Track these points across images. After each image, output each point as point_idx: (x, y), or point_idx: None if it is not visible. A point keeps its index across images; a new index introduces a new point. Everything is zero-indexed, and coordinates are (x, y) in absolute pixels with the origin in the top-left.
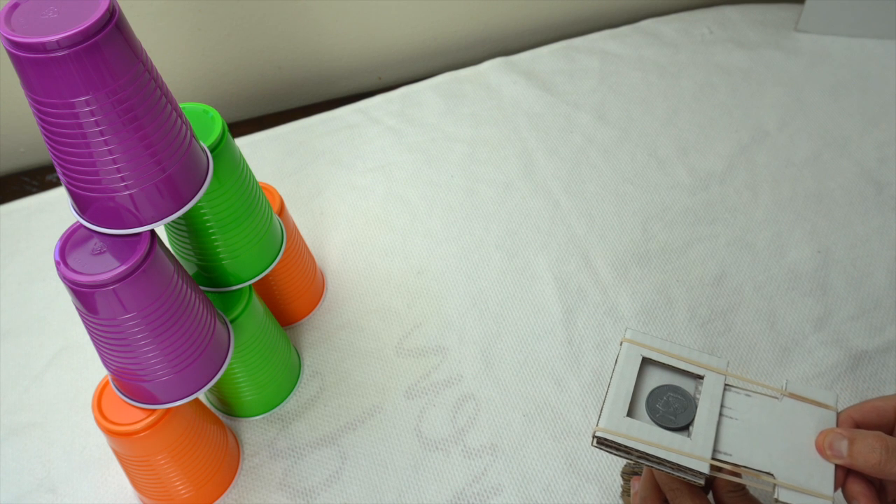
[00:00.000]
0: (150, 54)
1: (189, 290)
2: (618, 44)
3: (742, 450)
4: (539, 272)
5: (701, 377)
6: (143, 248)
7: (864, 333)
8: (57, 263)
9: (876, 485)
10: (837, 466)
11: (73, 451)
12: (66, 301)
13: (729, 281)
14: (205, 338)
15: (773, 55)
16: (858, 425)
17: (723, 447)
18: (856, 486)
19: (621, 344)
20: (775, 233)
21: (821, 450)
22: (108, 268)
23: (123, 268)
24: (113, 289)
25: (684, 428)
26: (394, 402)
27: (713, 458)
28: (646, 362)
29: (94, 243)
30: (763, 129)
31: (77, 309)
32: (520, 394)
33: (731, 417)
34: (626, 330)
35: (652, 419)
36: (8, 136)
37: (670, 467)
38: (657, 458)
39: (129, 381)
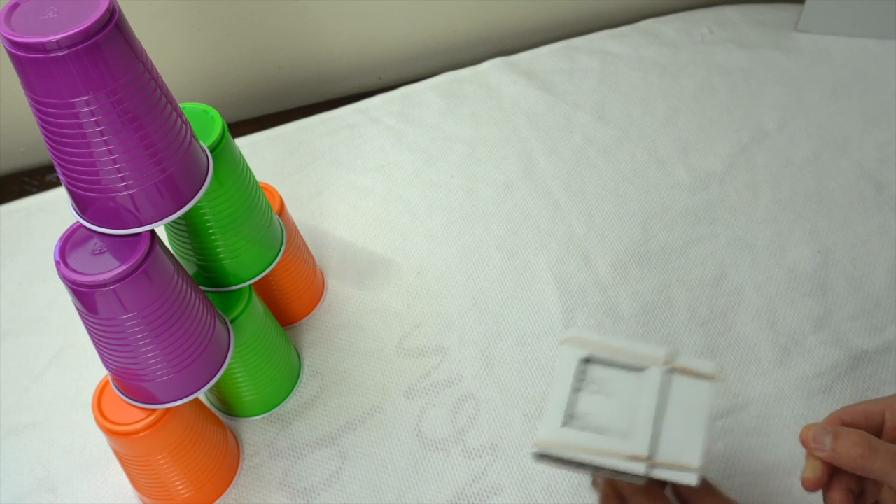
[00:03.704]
0: (149, 54)
1: (189, 290)
2: (618, 44)
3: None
4: (539, 272)
5: (642, 369)
6: (143, 247)
7: (864, 333)
8: (57, 263)
9: (856, 492)
10: (823, 465)
11: (73, 451)
12: (66, 301)
13: (729, 281)
14: (205, 338)
15: (773, 55)
16: (846, 426)
17: (662, 443)
18: (836, 495)
19: (561, 345)
20: (775, 233)
21: (805, 443)
22: (108, 268)
23: (123, 268)
24: (113, 289)
25: (622, 428)
26: (394, 402)
27: (649, 458)
28: (587, 362)
29: (94, 243)
30: (763, 129)
31: (77, 309)
32: (520, 394)
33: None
34: (566, 330)
35: (586, 425)
36: (8, 136)
37: (610, 473)
38: (594, 465)
39: (129, 380)
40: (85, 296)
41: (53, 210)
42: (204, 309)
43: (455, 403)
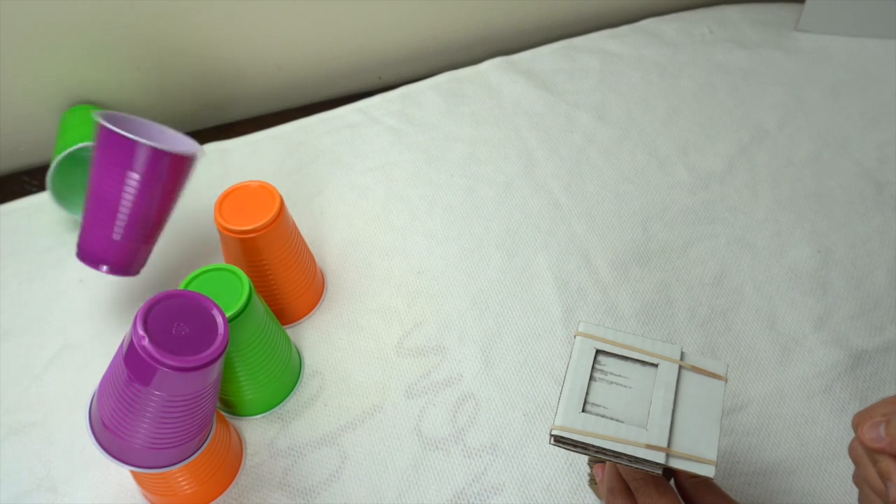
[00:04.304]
0: (149, 54)
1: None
2: (618, 43)
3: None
4: (539, 272)
5: (655, 365)
6: (223, 339)
7: (864, 333)
8: (140, 338)
9: None
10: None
11: (73, 451)
12: (66, 301)
13: (729, 281)
14: (206, 424)
15: (773, 55)
16: None
17: (677, 435)
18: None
19: (575, 338)
20: (775, 232)
21: (861, 439)
22: (194, 352)
23: (209, 355)
24: (194, 373)
25: (639, 419)
26: (394, 402)
27: (669, 448)
28: (601, 354)
29: (176, 325)
30: (763, 129)
31: (122, 377)
32: (520, 393)
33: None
34: (579, 323)
35: (604, 413)
36: (8, 136)
37: (628, 460)
38: (613, 451)
39: (121, 441)
40: (158, 373)
41: (53, 210)
42: (216, 397)
43: (455, 403)
